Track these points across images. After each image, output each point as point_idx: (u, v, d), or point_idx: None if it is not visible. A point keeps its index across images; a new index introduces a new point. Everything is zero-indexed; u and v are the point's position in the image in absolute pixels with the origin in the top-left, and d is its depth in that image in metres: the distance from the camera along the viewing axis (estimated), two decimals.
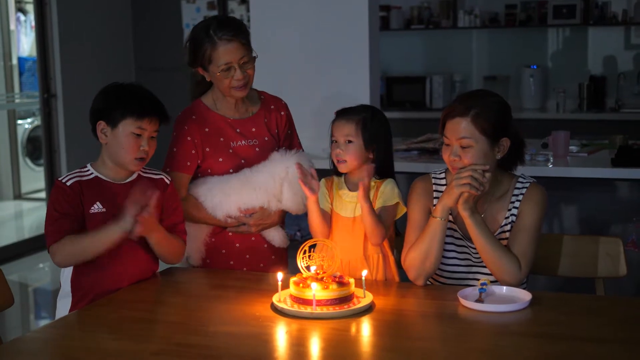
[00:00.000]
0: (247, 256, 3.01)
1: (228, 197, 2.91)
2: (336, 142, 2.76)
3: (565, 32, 7.05)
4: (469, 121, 2.54)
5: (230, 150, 2.98)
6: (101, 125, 2.65)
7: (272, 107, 3.08)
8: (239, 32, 2.87)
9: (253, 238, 3.01)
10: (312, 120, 3.54)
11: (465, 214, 2.54)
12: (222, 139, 2.97)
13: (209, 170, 2.98)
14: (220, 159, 2.97)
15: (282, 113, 3.09)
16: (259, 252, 3.02)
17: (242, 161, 2.97)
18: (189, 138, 2.96)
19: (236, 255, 3.01)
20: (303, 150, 3.12)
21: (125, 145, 2.62)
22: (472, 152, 2.54)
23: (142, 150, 2.64)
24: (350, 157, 2.73)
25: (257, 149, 2.99)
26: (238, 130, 3.00)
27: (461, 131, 2.54)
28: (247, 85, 2.92)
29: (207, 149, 2.97)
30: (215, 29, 2.85)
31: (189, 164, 2.96)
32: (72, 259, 2.59)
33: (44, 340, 2.29)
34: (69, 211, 2.59)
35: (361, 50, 4.61)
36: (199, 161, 2.98)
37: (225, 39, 2.85)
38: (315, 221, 2.74)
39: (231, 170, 2.96)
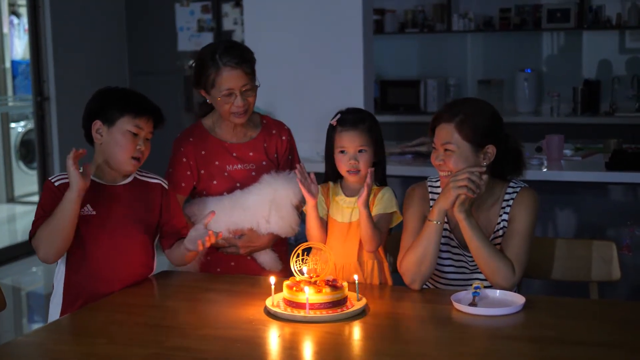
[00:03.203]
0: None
1: (217, 217, 2.89)
2: (345, 152, 2.70)
3: (560, 36, 7.06)
4: (453, 127, 2.57)
5: (226, 174, 2.98)
6: (97, 124, 2.63)
7: (274, 131, 3.07)
8: (244, 60, 2.89)
9: (249, 257, 3.01)
10: (306, 124, 3.53)
11: (460, 217, 2.54)
12: (217, 163, 2.98)
13: (204, 192, 3.00)
14: (215, 182, 2.98)
15: (284, 138, 3.07)
16: (254, 272, 2.99)
17: (237, 184, 2.97)
18: (184, 159, 2.98)
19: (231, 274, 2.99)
20: None
21: (122, 143, 2.60)
22: (454, 158, 2.57)
23: (138, 150, 2.62)
24: (364, 166, 2.70)
25: (253, 173, 2.99)
26: (235, 154, 3.00)
27: (444, 137, 2.58)
28: (247, 112, 2.93)
29: (202, 171, 2.98)
30: (222, 54, 2.87)
31: (183, 185, 2.98)
32: (50, 243, 2.53)
33: (35, 344, 2.28)
34: None
35: (355, 53, 4.61)
36: (194, 182, 2.99)
37: (230, 66, 2.86)
38: (312, 227, 2.73)
39: (225, 193, 2.97)
